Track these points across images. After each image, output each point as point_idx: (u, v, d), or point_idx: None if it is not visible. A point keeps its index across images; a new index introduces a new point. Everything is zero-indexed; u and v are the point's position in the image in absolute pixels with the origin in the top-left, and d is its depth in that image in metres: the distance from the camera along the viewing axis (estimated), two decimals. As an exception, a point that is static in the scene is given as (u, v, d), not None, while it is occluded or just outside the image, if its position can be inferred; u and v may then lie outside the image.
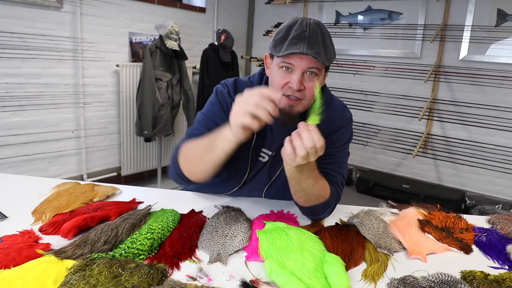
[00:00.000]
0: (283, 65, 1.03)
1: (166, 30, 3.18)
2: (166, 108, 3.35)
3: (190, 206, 1.13)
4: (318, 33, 1.01)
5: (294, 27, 1.02)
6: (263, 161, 1.21)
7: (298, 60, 1.00)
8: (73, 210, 1.05)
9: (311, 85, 1.03)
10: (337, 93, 3.88)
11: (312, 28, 1.01)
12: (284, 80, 1.03)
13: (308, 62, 1.00)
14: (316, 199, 1.05)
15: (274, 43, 1.05)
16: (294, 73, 1.02)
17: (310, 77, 1.03)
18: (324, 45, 1.01)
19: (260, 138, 1.17)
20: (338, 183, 1.15)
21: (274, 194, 1.25)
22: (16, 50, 2.67)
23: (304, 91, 1.03)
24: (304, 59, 1.00)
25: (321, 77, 1.06)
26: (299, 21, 1.03)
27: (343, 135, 1.21)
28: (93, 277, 0.72)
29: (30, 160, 2.91)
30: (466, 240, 1.00)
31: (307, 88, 1.03)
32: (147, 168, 3.70)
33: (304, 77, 1.02)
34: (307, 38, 0.99)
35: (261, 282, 0.78)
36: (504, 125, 3.14)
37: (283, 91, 1.04)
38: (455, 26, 3.32)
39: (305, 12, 4.13)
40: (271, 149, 1.19)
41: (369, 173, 3.90)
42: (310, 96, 1.04)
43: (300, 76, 1.01)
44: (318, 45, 1.00)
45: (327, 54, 1.02)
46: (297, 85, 1.01)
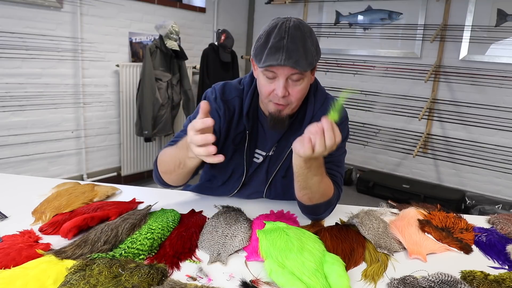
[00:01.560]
0: (266, 74, 1.03)
1: (166, 30, 3.19)
2: (166, 108, 3.35)
3: (190, 206, 1.13)
4: (297, 38, 0.99)
5: (273, 34, 1.00)
6: (257, 162, 1.22)
7: (279, 69, 1.00)
8: (73, 210, 1.05)
9: (296, 90, 1.04)
10: (337, 93, 3.88)
11: (291, 33, 0.99)
12: (269, 87, 1.04)
13: (289, 70, 1.00)
14: (320, 197, 1.05)
15: (255, 52, 1.05)
16: (278, 80, 1.02)
17: (295, 82, 1.03)
18: (305, 50, 1.00)
19: (253, 140, 1.18)
20: (339, 182, 1.16)
21: (274, 196, 1.25)
22: (16, 50, 2.67)
23: (289, 97, 1.05)
24: (285, 68, 1.00)
25: (307, 78, 1.06)
26: (278, 26, 1.01)
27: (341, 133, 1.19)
28: (93, 277, 0.72)
29: (30, 160, 2.91)
30: (466, 240, 1.00)
31: (291, 93, 1.04)
32: (147, 168, 3.70)
33: (289, 82, 1.03)
34: (285, 47, 0.98)
35: (261, 282, 0.78)
36: (504, 125, 3.14)
37: (269, 98, 1.06)
38: (455, 26, 3.32)
39: (305, 12, 4.13)
40: (264, 150, 1.20)
41: (369, 173, 3.90)
42: (296, 100, 1.06)
43: (284, 83, 1.02)
44: (297, 52, 0.98)
45: (308, 59, 1.01)
46: (281, 93, 1.02)
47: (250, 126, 1.16)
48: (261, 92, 1.09)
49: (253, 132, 1.17)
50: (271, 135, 1.18)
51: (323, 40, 4.08)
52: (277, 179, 1.21)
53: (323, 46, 4.07)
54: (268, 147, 1.19)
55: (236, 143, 1.17)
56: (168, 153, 1.09)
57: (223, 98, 1.16)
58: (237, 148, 1.17)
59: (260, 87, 1.08)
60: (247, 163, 1.19)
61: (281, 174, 1.20)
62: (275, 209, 1.15)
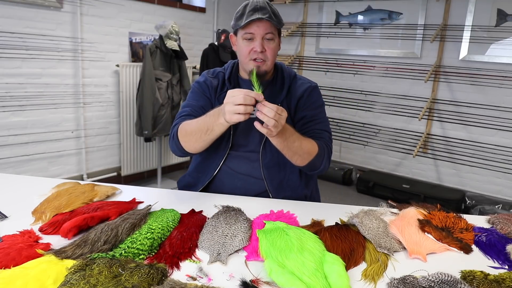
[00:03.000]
0: (246, 36, 1.28)
1: (166, 30, 3.19)
2: (166, 108, 3.35)
3: (190, 206, 1.13)
4: (266, 5, 1.29)
5: (248, 5, 1.29)
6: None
7: (256, 28, 1.27)
8: (73, 210, 1.05)
9: (270, 47, 1.29)
10: (337, 93, 3.89)
11: (262, 3, 1.29)
12: (248, 47, 1.29)
13: (264, 28, 1.27)
14: (309, 155, 1.25)
15: (235, 20, 1.31)
16: (255, 40, 1.28)
17: (269, 41, 1.29)
18: (274, 14, 1.30)
19: None
20: (326, 138, 1.35)
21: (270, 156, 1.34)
22: (16, 50, 2.67)
23: (266, 53, 1.29)
24: (261, 26, 1.26)
25: (277, 40, 1.33)
26: (251, 1, 1.30)
27: (317, 97, 1.43)
28: (93, 277, 0.72)
29: (30, 160, 2.91)
30: (466, 240, 1.00)
31: (267, 50, 1.29)
32: (147, 168, 3.71)
33: (264, 41, 1.28)
34: (260, 8, 1.27)
35: (261, 282, 0.78)
36: (504, 125, 3.14)
37: (250, 56, 1.29)
38: (455, 26, 3.32)
39: (305, 12, 4.13)
40: None
41: (369, 173, 3.90)
42: (271, 56, 1.31)
43: (261, 40, 1.28)
44: (269, 12, 1.27)
45: (277, 18, 1.31)
46: (260, 48, 1.27)
47: (232, 87, 1.36)
48: (242, 54, 1.32)
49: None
50: None
51: (323, 40, 4.08)
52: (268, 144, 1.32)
53: (323, 46, 4.08)
54: None
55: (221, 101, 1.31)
56: (195, 121, 1.25)
57: (208, 75, 1.45)
58: None
59: (240, 50, 1.32)
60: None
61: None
62: (275, 209, 1.15)
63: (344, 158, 4.12)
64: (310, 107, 1.38)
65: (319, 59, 4.03)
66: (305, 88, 1.40)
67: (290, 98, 1.39)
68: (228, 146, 1.36)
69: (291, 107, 1.38)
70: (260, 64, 1.30)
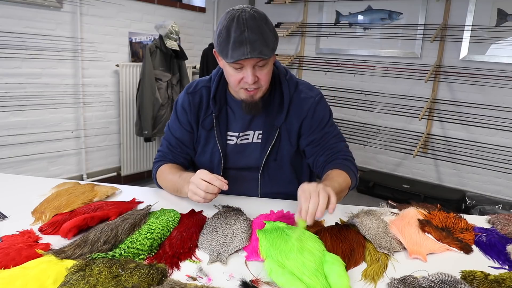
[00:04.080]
0: (233, 66, 1.10)
1: (166, 30, 3.18)
2: (166, 108, 3.35)
3: (190, 206, 1.13)
4: (255, 29, 1.05)
5: (232, 28, 1.05)
6: (232, 144, 1.29)
7: (246, 60, 1.07)
8: (73, 210, 1.05)
9: (263, 74, 1.12)
10: (337, 93, 3.89)
11: (250, 25, 1.04)
12: (238, 77, 1.12)
13: (255, 59, 1.07)
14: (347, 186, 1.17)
15: (219, 48, 1.10)
16: (245, 69, 1.10)
17: (261, 68, 1.11)
18: (265, 39, 1.06)
19: (222, 123, 1.27)
20: (343, 149, 1.27)
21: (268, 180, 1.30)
22: (16, 50, 2.67)
23: (259, 81, 1.13)
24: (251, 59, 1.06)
25: (271, 61, 1.15)
26: (236, 19, 1.05)
27: (323, 110, 1.27)
28: (93, 277, 0.72)
29: (30, 160, 2.91)
30: (466, 240, 1.00)
31: (260, 77, 1.12)
32: (147, 168, 3.70)
33: (255, 69, 1.11)
34: (247, 39, 1.04)
35: (261, 282, 0.78)
36: (504, 125, 3.14)
37: (240, 86, 1.14)
38: (455, 26, 3.32)
39: (305, 12, 4.13)
40: (235, 131, 1.28)
41: (369, 173, 3.90)
42: (265, 82, 1.15)
43: (251, 70, 1.09)
44: (259, 43, 1.05)
45: (270, 45, 1.08)
46: (251, 80, 1.10)
47: (217, 109, 1.25)
48: (230, 81, 1.17)
49: (222, 115, 1.26)
50: (241, 116, 1.26)
51: (323, 40, 4.08)
52: (269, 162, 1.27)
53: (323, 46, 4.08)
54: (239, 128, 1.27)
55: (206, 127, 1.27)
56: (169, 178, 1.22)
57: (188, 91, 1.28)
58: (209, 131, 1.27)
59: (229, 77, 1.16)
60: (220, 144, 1.26)
61: (273, 157, 1.27)
62: (275, 209, 1.15)
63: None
64: (318, 128, 1.25)
65: (319, 59, 4.03)
66: (308, 105, 1.24)
67: (291, 119, 1.24)
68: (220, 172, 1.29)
69: (292, 131, 1.25)
70: (253, 93, 1.15)
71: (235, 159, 1.29)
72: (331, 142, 1.26)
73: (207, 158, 1.29)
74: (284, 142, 1.27)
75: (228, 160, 1.29)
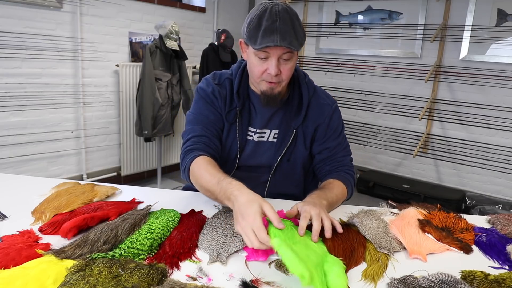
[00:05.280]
0: (259, 55, 1.11)
1: (166, 30, 3.18)
2: (166, 108, 3.35)
3: (190, 206, 1.13)
4: (288, 21, 1.07)
5: (264, 17, 1.07)
6: (250, 139, 1.28)
7: (273, 49, 1.08)
8: (73, 210, 1.05)
9: (286, 68, 1.12)
10: (337, 93, 3.89)
11: (282, 16, 1.07)
12: (262, 67, 1.12)
13: (282, 50, 1.08)
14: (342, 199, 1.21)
15: (248, 34, 1.11)
16: (270, 60, 1.10)
17: (285, 61, 1.12)
18: (295, 32, 1.08)
19: (244, 117, 1.26)
20: (348, 164, 1.30)
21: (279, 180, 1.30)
22: (16, 50, 2.67)
23: (281, 75, 1.13)
24: (279, 48, 1.07)
25: (295, 57, 1.15)
26: (269, 10, 1.08)
27: (338, 120, 1.31)
28: (93, 277, 0.72)
29: (30, 160, 2.91)
30: (466, 240, 1.00)
31: (283, 71, 1.13)
32: (147, 168, 3.70)
33: (280, 61, 1.11)
34: (279, 29, 1.06)
35: (261, 282, 0.78)
36: (504, 125, 3.14)
37: (262, 77, 1.14)
38: (455, 26, 3.32)
39: (305, 12, 4.13)
40: (255, 127, 1.28)
41: (369, 173, 3.90)
42: (286, 77, 1.15)
43: (276, 62, 1.10)
44: (289, 34, 1.07)
45: (299, 39, 1.09)
46: (274, 71, 1.10)
47: (241, 103, 1.25)
48: (253, 72, 1.16)
49: (245, 110, 1.26)
50: (262, 113, 1.26)
51: (323, 40, 4.08)
52: (282, 163, 1.27)
53: (323, 46, 4.08)
54: (259, 124, 1.27)
55: (230, 120, 1.26)
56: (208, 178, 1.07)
57: (215, 82, 1.27)
58: (231, 125, 1.26)
59: (252, 67, 1.16)
60: (240, 139, 1.25)
61: (286, 158, 1.28)
62: (275, 209, 1.15)
63: (344, 158, 4.12)
64: (333, 136, 1.28)
65: (319, 59, 4.03)
66: (326, 112, 1.26)
67: (307, 123, 1.26)
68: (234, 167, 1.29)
69: (307, 134, 1.27)
70: (274, 86, 1.15)
71: (249, 156, 1.29)
72: (340, 155, 1.30)
73: (225, 152, 1.27)
74: (299, 144, 1.27)
75: (242, 158, 1.29)
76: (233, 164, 1.28)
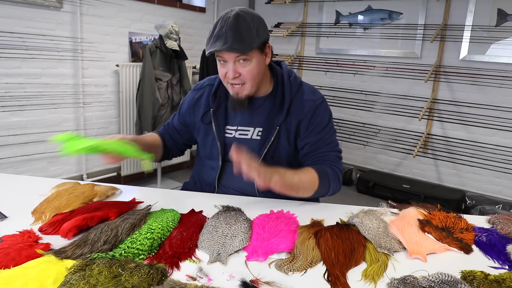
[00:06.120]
0: (219, 59, 1.20)
1: (166, 30, 3.18)
2: (166, 108, 3.34)
3: (190, 206, 1.13)
4: (234, 26, 1.13)
5: (217, 25, 1.17)
6: (231, 136, 1.33)
7: (225, 54, 1.16)
8: (73, 210, 1.05)
9: (245, 70, 1.18)
10: (337, 93, 3.89)
11: (230, 22, 1.14)
12: (223, 71, 1.21)
13: (233, 54, 1.15)
14: (312, 187, 1.19)
15: (206, 42, 1.22)
16: (228, 64, 1.18)
17: (243, 63, 1.18)
18: (241, 35, 1.13)
19: (221, 117, 1.33)
20: (332, 159, 1.28)
21: None
22: (16, 50, 2.67)
23: (241, 77, 1.19)
24: (230, 53, 1.15)
25: (255, 59, 1.18)
26: (222, 17, 1.17)
27: (322, 115, 1.30)
28: (93, 277, 0.72)
29: (30, 160, 2.91)
30: (466, 240, 1.00)
31: (242, 73, 1.18)
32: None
33: (237, 64, 1.18)
34: (224, 34, 1.13)
35: (261, 282, 0.78)
36: (504, 125, 3.14)
37: (226, 80, 1.22)
38: (455, 26, 3.32)
39: (305, 12, 4.13)
40: (234, 125, 1.33)
41: (369, 173, 3.90)
42: (248, 79, 1.20)
43: (233, 65, 1.17)
44: (232, 38, 1.12)
45: (245, 42, 1.14)
46: (231, 74, 1.18)
47: (216, 104, 1.32)
48: (220, 76, 1.25)
49: (220, 110, 1.33)
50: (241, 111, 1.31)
51: (323, 40, 4.08)
52: (266, 160, 1.28)
53: (323, 46, 4.08)
54: (237, 122, 1.32)
55: (205, 121, 1.34)
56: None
57: (195, 88, 1.41)
58: (208, 126, 1.34)
59: (218, 72, 1.25)
60: (218, 137, 1.31)
61: (270, 155, 1.29)
62: (275, 209, 1.15)
63: (344, 158, 4.08)
64: (313, 132, 1.28)
65: (319, 59, 4.03)
66: (308, 107, 1.27)
67: (290, 119, 1.28)
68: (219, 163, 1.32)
69: (290, 130, 1.28)
70: (239, 90, 1.21)
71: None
72: (323, 150, 1.28)
73: (208, 150, 1.35)
74: (283, 141, 1.29)
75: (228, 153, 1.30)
76: (218, 160, 1.33)
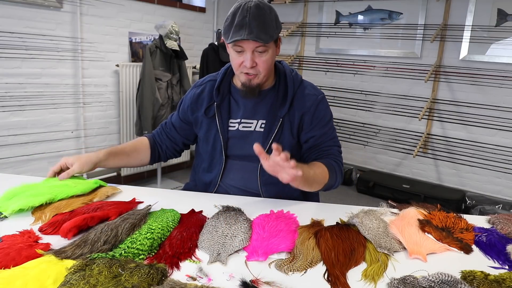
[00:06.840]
0: (235, 49, 1.20)
1: (166, 30, 3.18)
2: (166, 108, 3.34)
3: (190, 206, 1.13)
4: (257, 16, 1.15)
5: (237, 14, 1.17)
6: (234, 129, 1.33)
7: (245, 43, 1.17)
8: (73, 210, 1.05)
9: (262, 60, 1.20)
10: (337, 93, 3.89)
11: (252, 12, 1.15)
12: (239, 60, 1.21)
13: (254, 43, 1.16)
14: (323, 181, 1.21)
15: (223, 31, 1.21)
16: (245, 53, 1.19)
17: (260, 54, 1.20)
18: (264, 25, 1.16)
19: (224, 111, 1.34)
20: (335, 153, 1.32)
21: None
22: (16, 50, 2.67)
23: (257, 67, 1.21)
24: (250, 42, 1.16)
25: (271, 50, 1.22)
26: (241, 7, 1.17)
27: (325, 110, 1.34)
28: (93, 277, 0.72)
29: (30, 160, 2.91)
30: (466, 240, 1.00)
31: (259, 64, 1.21)
32: (147, 168, 3.70)
33: (255, 54, 1.19)
34: (247, 24, 1.15)
35: (261, 282, 0.78)
36: (504, 125, 3.14)
37: (240, 69, 1.23)
38: (455, 26, 3.32)
39: (305, 12, 4.13)
40: (237, 118, 1.34)
41: (369, 173, 3.90)
42: (263, 69, 1.22)
43: (251, 55, 1.19)
44: (257, 28, 1.15)
45: (269, 33, 1.17)
46: (249, 64, 1.19)
47: (220, 98, 1.33)
48: (233, 65, 1.26)
49: (224, 104, 1.34)
50: (245, 104, 1.33)
51: (323, 40, 4.08)
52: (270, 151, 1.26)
53: (323, 46, 4.08)
54: (240, 116, 1.33)
55: (209, 114, 1.34)
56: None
57: (195, 85, 1.41)
58: (211, 119, 1.34)
59: (231, 60, 1.25)
60: (221, 131, 1.31)
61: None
62: (275, 209, 1.15)
63: (344, 158, 4.08)
64: (318, 125, 1.30)
65: (319, 59, 4.03)
66: (311, 101, 1.30)
67: (293, 112, 1.30)
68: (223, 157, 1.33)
69: (294, 122, 1.30)
70: (252, 78, 1.24)
71: (237, 146, 1.32)
72: (326, 144, 1.32)
73: (210, 145, 1.35)
74: (286, 133, 1.30)
75: (229, 148, 1.33)
76: (221, 157, 1.33)
